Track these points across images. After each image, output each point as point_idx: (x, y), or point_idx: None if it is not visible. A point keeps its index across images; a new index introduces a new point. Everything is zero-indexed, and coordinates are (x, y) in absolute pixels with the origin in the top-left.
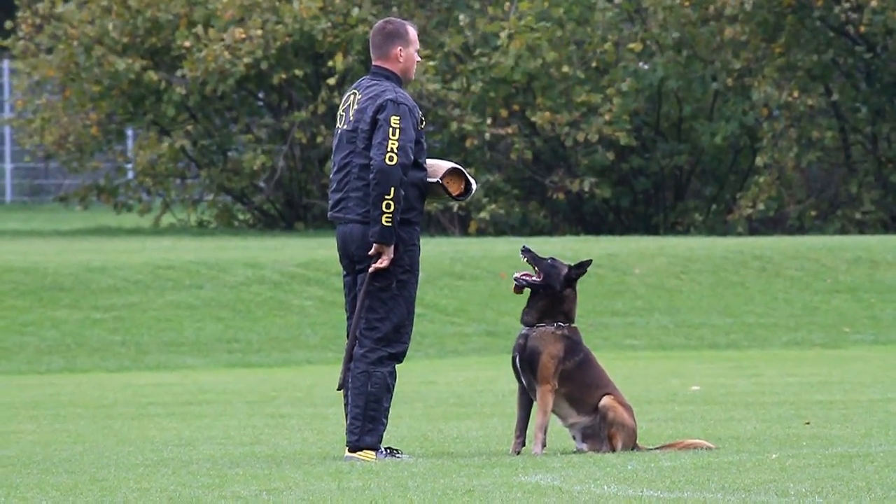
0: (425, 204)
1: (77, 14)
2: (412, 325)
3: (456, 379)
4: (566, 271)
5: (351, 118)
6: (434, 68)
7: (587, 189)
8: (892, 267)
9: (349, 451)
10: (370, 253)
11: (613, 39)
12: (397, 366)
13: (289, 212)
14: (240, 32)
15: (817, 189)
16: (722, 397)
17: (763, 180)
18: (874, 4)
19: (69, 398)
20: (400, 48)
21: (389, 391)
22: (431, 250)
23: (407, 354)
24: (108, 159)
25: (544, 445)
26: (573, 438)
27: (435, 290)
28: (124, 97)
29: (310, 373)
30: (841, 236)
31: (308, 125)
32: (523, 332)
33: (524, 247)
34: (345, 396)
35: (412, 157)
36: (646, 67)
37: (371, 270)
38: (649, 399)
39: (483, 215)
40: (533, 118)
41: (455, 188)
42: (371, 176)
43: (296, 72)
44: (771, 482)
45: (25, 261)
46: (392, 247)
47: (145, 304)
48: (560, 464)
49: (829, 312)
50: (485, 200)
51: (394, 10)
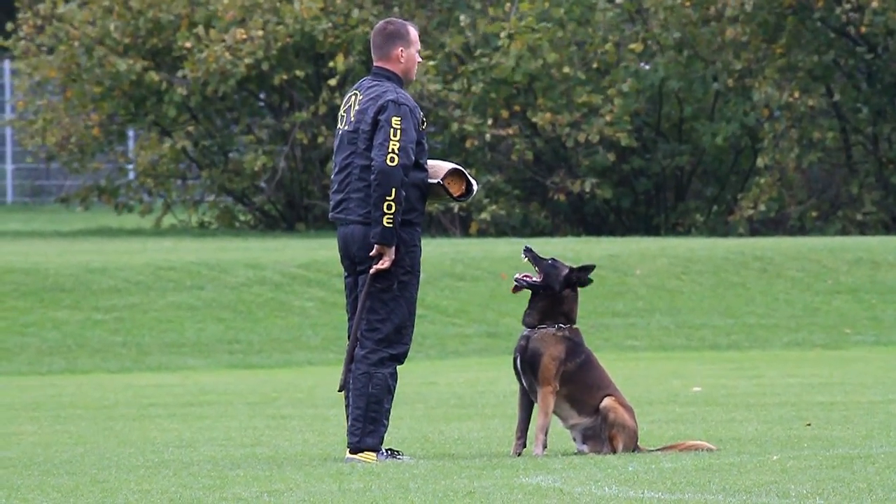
0: (426, 205)
1: (78, 15)
2: (413, 326)
3: (457, 380)
4: (566, 272)
5: (352, 119)
6: (435, 69)
7: (588, 190)
8: (894, 268)
9: (350, 453)
10: (371, 254)
11: (614, 40)
12: (398, 367)
13: (290, 213)
14: (241, 33)
15: (818, 190)
16: (723, 398)
17: (764, 181)
18: (875, 5)
19: (70, 399)
20: (401, 49)
21: (391, 392)
22: (432, 251)
23: (408, 355)
24: (110, 160)
25: (545, 447)
26: (574, 440)
27: (436, 291)
28: (125, 98)
29: (311, 374)
30: (842, 237)
31: (309, 126)
32: (525, 334)
33: (526, 247)
34: (346, 398)
35: (413, 158)
36: (647, 68)
37: (372, 271)
38: (650, 400)
39: (484, 216)
40: (534, 119)
41: (456, 189)
42: (372, 177)
43: (297, 72)
44: (772, 484)
45: (26, 262)
46: (393, 248)
47: (146, 305)
48: (561, 465)
49: (830, 313)
50: (486, 201)
51: (395, 11)
